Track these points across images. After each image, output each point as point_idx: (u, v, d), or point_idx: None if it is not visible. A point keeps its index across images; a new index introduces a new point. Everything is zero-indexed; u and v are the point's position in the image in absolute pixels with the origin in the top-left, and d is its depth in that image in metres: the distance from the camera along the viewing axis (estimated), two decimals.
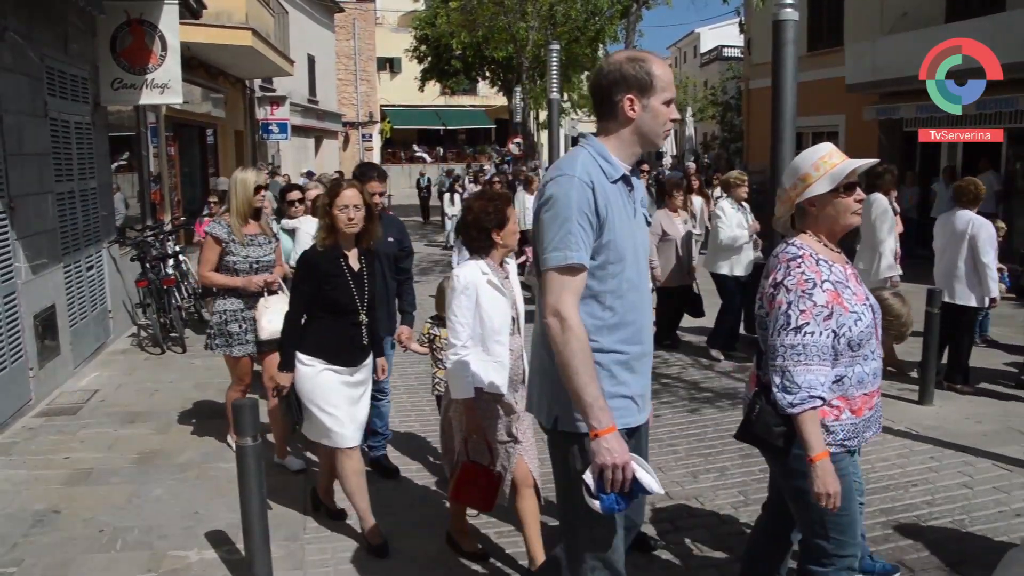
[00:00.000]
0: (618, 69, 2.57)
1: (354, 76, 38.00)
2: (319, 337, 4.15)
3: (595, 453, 2.42)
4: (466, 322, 3.72)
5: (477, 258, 3.82)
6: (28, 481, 5.30)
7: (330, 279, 4.09)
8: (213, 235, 5.22)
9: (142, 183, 11.33)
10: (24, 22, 6.95)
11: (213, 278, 5.26)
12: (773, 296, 2.81)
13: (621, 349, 2.63)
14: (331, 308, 4.13)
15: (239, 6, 14.08)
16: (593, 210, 2.50)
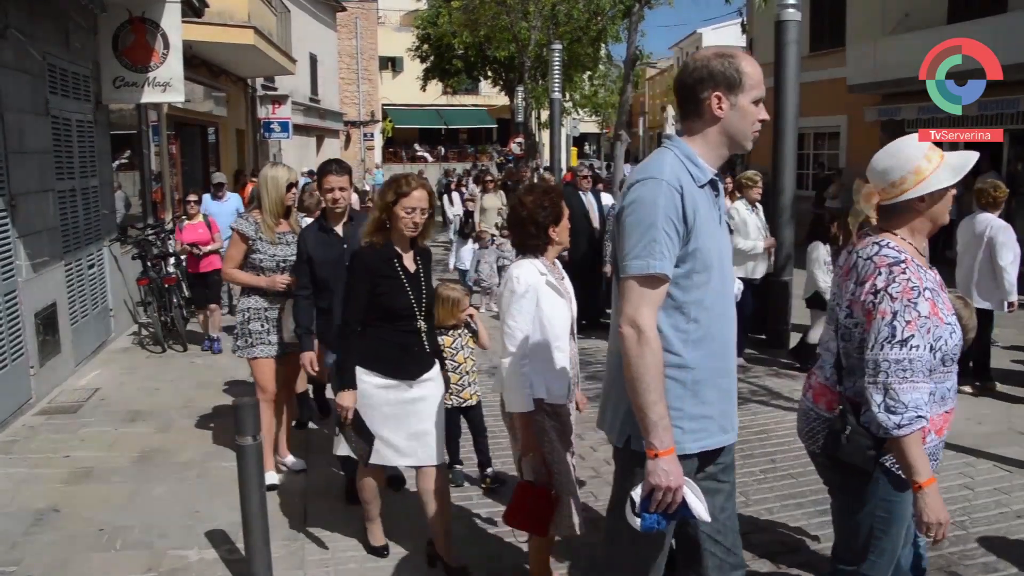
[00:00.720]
0: (705, 65, 2.44)
1: (356, 75, 38.00)
2: (373, 347, 3.78)
3: (650, 473, 2.32)
4: (526, 328, 3.42)
5: (531, 257, 3.53)
6: (28, 479, 5.29)
7: (384, 281, 3.74)
8: (240, 232, 5.06)
9: (143, 182, 11.33)
10: (26, 19, 6.95)
11: (236, 275, 5.13)
12: (874, 305, 2.55)
13: (705, 365, 2.47)
14: (385, 314, 3.76)
15: (241, 5, 14.07)
16: (680, 216, 2.36)
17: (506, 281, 3.50)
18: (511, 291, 3.43)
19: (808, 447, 2.92)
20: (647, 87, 57.31)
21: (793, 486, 5.04)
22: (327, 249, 4.68)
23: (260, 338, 5.06)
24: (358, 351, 3.76)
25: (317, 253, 4.66)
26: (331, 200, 4.72)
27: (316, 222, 4.86)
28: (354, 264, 3.79)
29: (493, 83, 32.11)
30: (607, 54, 26.73)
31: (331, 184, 4.71)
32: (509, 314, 3.42)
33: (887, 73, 15.15)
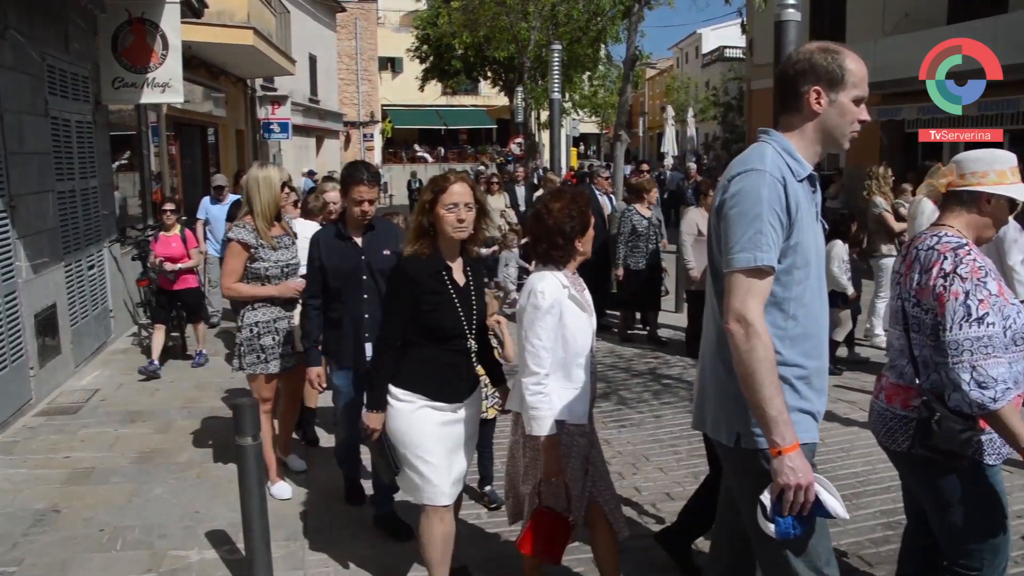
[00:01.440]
0: (808, 59, 2.40)
1: (355, 76, 38.01)
2: (417, 367, 3.41)
3: (777, 472, 2.23)
4: (551, 346, 3.21)
5: (552, 268, 3.31)
6: (28, 480, 5.29)
7: (431, 297, 3.35)
8: (241, 241, 4.66)
9: (143, 182, 11.33)
10: (25, 20, 6.94)
11: (240, 289, 4.74)
12: (946, 288, 2.58)
13: (803, 363, 2.40)
14: (432, 333, 3.39)
15: (241, 5, 14.08)
16: (784, 208, 2.31)
17: (528, 295, 3.25)
18: (535, 306, 3.21)
19: (888, 449, 2.89)
20: (647, 87, 57.34)
21: None
22: (343, 258, 4.35)
23: (274, 352, 4.76)
24: (397, 370, 3.41)
25: (332, 262, 4.34)
26: (359, 213, 4.31)
27: (333, 227, 4.48)
28: (396, 276, 3.43)
29: (493, 83, 32.12)
30: (607, 54, 26.72)
31: (361, 195, 4.29)
32: (532, 331, 3.20)
33: (887, 73, 15.14)
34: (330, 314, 4.43)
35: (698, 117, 38.22)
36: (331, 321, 4.43)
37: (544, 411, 3.18)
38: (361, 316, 4.36)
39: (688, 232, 8.09)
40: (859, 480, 5.00)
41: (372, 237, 4.41)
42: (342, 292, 4.35)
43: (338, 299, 4.38)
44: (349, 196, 4.33)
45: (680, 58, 59.80)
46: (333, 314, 4.42)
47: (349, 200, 4.33)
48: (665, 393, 7.09)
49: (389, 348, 3.42)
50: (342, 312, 4.38)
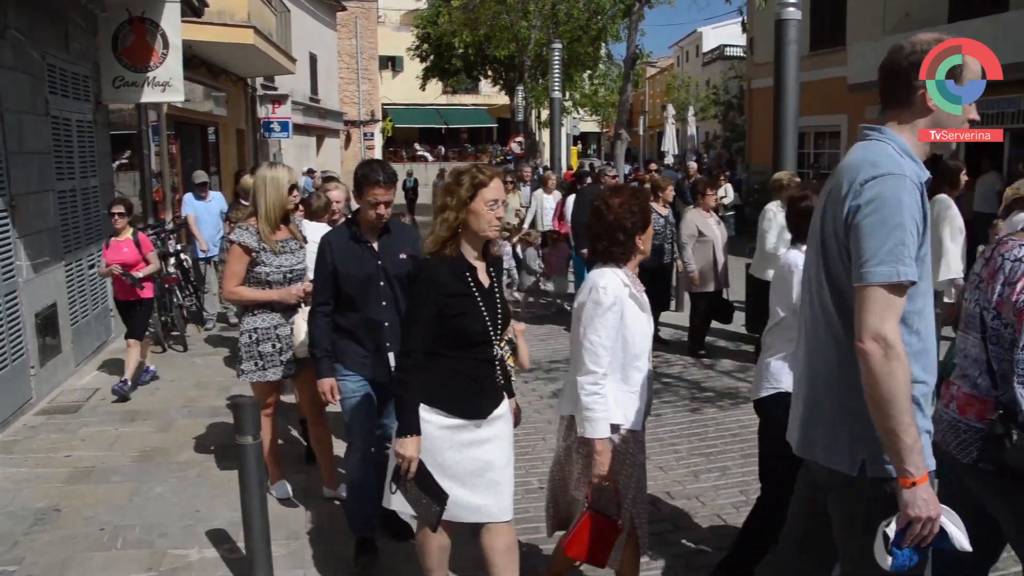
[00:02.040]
0: (924, 50, 2.23)
1: (356, 74, 37.99)
2: (437, 379, 3.14)
3: (908, 504, 2.07)
4: (610, 345, 3.10)
5: (612, 266, 3.20)
6: (29, 479, 5.30)
7: (455, 301, 3.09)
8: (242, 244, 4.48)
9: (143, 182, 11.33)
10: (26, 20, 6.95)
11: (242, 293, 4.56)
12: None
13: (926, 379, 2.23)
14: (458, 340, 3.13)
15: (241, 4, 14.08)
16: (922, 216, 2.12)
17: (589, 291, 3.14)
18: (595, 303, 3.09)
19: (960, 459, 2.67)
20: (647, 86, 57.32)
21: None
22: (358, 263, 4.05)
23: (272, 360, 4.61)
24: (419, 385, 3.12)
25: (346, 266, 4.04)
26: (375, 216, 4.02)
27: (346, 229, 4.16)
28: (420, 280, 3.14)
29: (493, 82, 32.14)
30: (607, 53, 26.73)
31: (377, 198, 3.97)
32: (592, 328, 3.08)
33: None
34: (341, 321, 4.12)
35: (698, 116, 38.18)
36: (342, 329, 4.12)
37: (600, 412, 3.08)
38: (381, 324, 4.07)
39: (688, 234, 8.00)
40: None
41: (388, 240, 4.12)
42: (356, 299, 4.06)
43: (351, 306, 4.08)
44: (364, 198, 4.00)
45: (680, 57, 59.76)
46: (345, 322, 4.11)
47: (364, 202, 4.01)
48: (665, 392, 7.09)
49: (416, 363, 3.09)
50: (356, 320, 4.09)
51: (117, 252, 7.28)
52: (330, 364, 4.10)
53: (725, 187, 16.87)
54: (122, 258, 7.25)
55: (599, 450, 3.11)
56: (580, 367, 3.13)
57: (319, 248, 4.14)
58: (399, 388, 3.14)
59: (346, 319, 4.10)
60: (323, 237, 4.21)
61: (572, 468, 3.33)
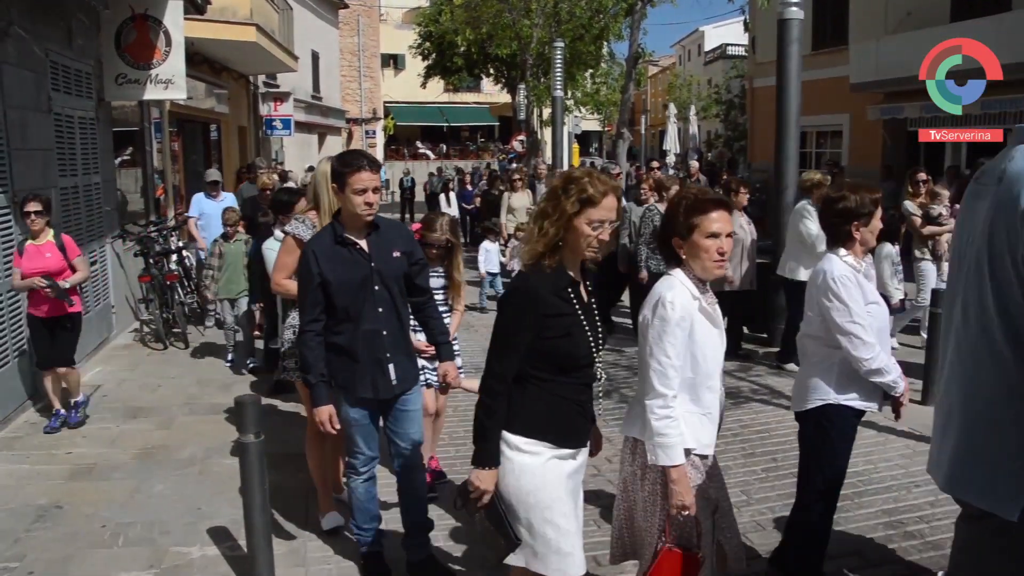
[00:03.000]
0: None
1: (358, 72, 38.00)
2: (540, 407, 2.84)
3: None
4: (679, 364, 2.86)
5: (674, 270, 2.96)
6: (31, 476, 5.31)
7: (558, 320, 2.77)
8: (297, 237, 4.20)
9: (145, 178, 11.34)
10: (29, 17, 6.95)
11: (290, 287, 4.25)
12: None
13: None
14: (561, 363, 2.82)
15: (244, 2, 14.07)
16: None
17: (655, 305, 2.88)
18: (663, 318, 2.84)
19: None
20: (649, 85, 57.31)
21: (795, 485, 5.03)
22: (348, 268, 3.67)
23: None
24: (516, 413, 2.82)
25: (335, 274, 3.64)
26: (362, 204, 3.60)
27: (330, 232, 3.74)
28: (517, 297, 2.81)
29: (495, 81, 32.10)
30: (609, 52, 26.72)
31: (363, 183, 3.59)
32: (659, 346, 2.84)
33: (889, 72, 15.14)
34: (334, 338, 3.72)
35: (700, 115, 38.20)
36: (336, 347, 3.72)
37: (673, 437, 2.84)
38: (378, 333, 3.73)
39: None
40: (860, 479, 5.00)
41: (378, 239, 3.75)
42: (350, 310, 3.68)
43: (346, 319, 3.70)
44: (348, 190, 3.59)
45: (682, 55, 59.75)
46: (339, 338, 3.71)
47: (348, 195, 3.60)
48: None
49: (504, 387, 2.79)
50: (352, 333, 3.70)
51: (37, 259, 6.01)
52: (327, 390, 3.71)
53: None
54: (43, 265, 6.00)
55: (675, 478, 2.84)
56: (648, 389, 2.87)
57: (302, 259, 3.77)
58: (483, 415, 2.80)
59: (339, 335, 3.71)
60: (305, 246, 3.83)
61: (638, 495, 3.06)
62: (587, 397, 2.93)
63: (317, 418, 3.72)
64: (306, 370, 3.74)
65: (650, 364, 2.86)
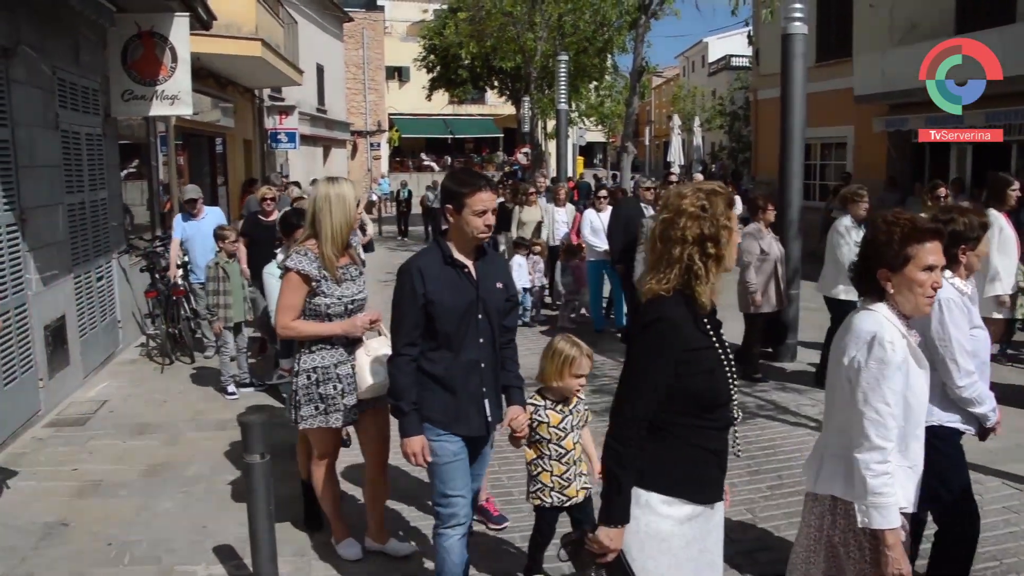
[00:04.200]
0: None
1: (363, 85, 38.15)
2: (676, 458, 2.54)
3: None
4: (898, 413, 2.56)
5: (875, 304, 2.68)
6: (37, 493, 5.31)
7: (695, 357, 2.49)
8: (302, 272, 3.91)
9: (151, 192, 11.39)
10: (37, 35, 6.99)
11: (299, 328, 3.98)
12: None
13: None
14: (700, 404, 2.52)
15: (249, 17, 14.15)
16: None
17: (870, 346, 2.57)
18: (881, 360, 2.53)
19: None
20: (653, 96, 57.45)
21: (801, 503, 5.01)
22: (455, 292, 3.41)
23: (334, 403, 4.03)
24: (649, 467, 2.51)
25: (443, 297, 3.37)
26: (482, 226, 3.38)
27: (436, 251, 3.47)
28: (659, 328, 2.48)
29: (499, 93, 32.19)
30: (613, 65, 26.78)
31: (483, 204, 3.36)
32: (878, 393, 2.53)
33: (894, 83, 15.14)
34: (429, 366, 3.44)
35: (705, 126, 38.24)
36: (430, 376, 3.44)
37: (890, 497, 2.53)
38: (477, 365, 3.48)
39: (750, 251, 7.51)
40: None
41: (484, 265, 3.51)
42: (452, 337, 3.42)
43: (445, 346, 3.43)
44: (465, 211, 3.36)
45: (686, 67, 59.88)
46: (434, 366, 3.44)
47: (465, 216, 3.36)
48: None
49: (640, 433, 2.48)
50: (450, 363, 3.44)
51: None
52: (418, 419, 3.41)
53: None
54: None
55: (891, 543, 2.54)
56: (862, 441, 2.56)
57: (405, 277, 3.42)
58: (615, 465, 2.48)
59: (436, 363, 3.44)
60: (410, 262, 3.48)
61: (833, 564, 2.76)
62: (724, 445, 2.62)
63: (408, 449, 3.40)
64: (397, 396, 3.43)
65: (865, 413, 2.55)
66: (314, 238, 3.99)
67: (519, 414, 3.64)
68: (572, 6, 17.97)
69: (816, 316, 8.35)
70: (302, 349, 4.06)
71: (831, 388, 2.78)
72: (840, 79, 17.42)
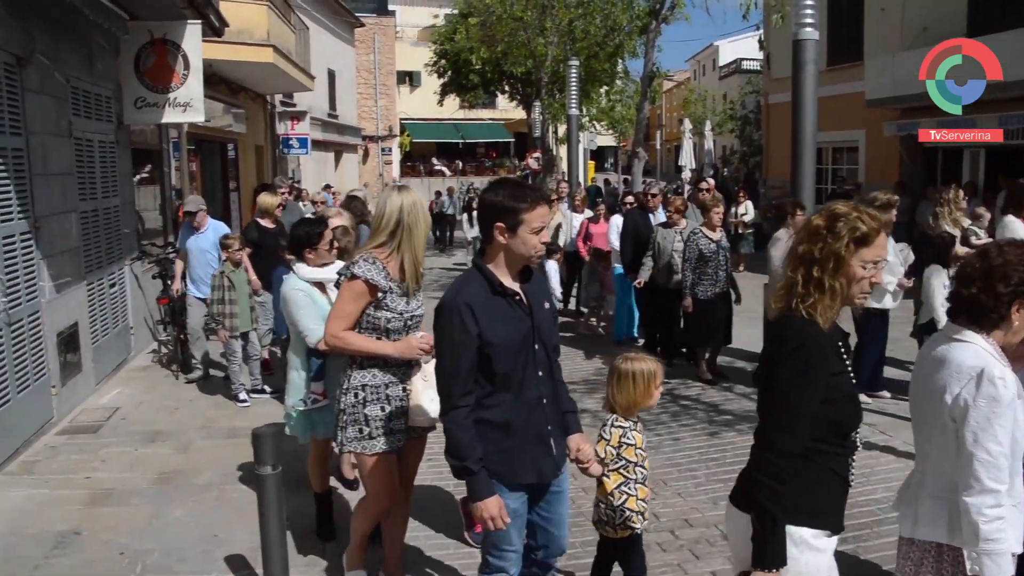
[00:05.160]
0: None
1: (374, 90, 38.26)
2: (822, 489, 2.45)
3: None
4: (1009, 452, 2.39)
5: (968, 333, 2.50)
6: (50, 501, 5.34)
7: (840, 380, 2.42)
8: (371, 281, 3.54)
9: (163, 199, 11.45)
10: (51, 44, 7.04)
11: (351, 341, 3.61)
12: None
13: None
14: (839, 430, 2.45)
15: (261, 24, 14.21)
16: None
17: (977, 381, 2.39)
18: (992, 398, 2.36)
19: None
20: (664, 99, 57.38)
21: None
22: (510, 325, 3.02)
23: (381, 426, 3.65)
24: (798, 501, 2.38)
25: (497, 333, 2.96)
26: (539, 245, 3.03)
27: (478, 277, 3.05)
28: (805, 353, 2.37)
29: (510, 98, 32.19)
30: (624, 69, 26.75)
31: (541, 220, 3.01)
32: (989, 432, 2.36)
33: (905, 88, 15.06)
34: (485, 412, 3.02)
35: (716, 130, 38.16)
36: (489, 422, 3.02)
37: (1004, 544, 2.39)
38: (540, 402, 3.12)
39: (782, 257, 7.27)
40: (880, 507, 4.95)
41: (531, 287, 3.16)
42: (511, 376, 3.02)
43: (503, 387, 3.02)
44: (521, 229, 2.97)
45: (697, 70, 59.80)
46: (492, 411, 3.03)
47: (521, 235, 2.98)
48: (683, 415, 7.06)
49: (796, 466, 2.36)
50: (511, 404, 3.04)
51: None
52: (488, 477, 2.98)
53: (746, 204, 16.81)
54: None
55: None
56: (972, 484, 2.39)
57: (451, 316, 2.95)
58: (772, 504, 2.33)
59: (493, 408, 3.02)
60: (453, 297, 3.00)
61: None
62: (850, 470, 2.53)
63: (484, 514, 2.95)
64: (461, 455, 2.95)
65: (976, 454, 2.38)
66: (383, 247, 3.62)
67: (583, 443, 3.32)
68: (583, 11, 17.96)
69: None
70: (352, 365, 3.70)
71: (922, 424, 2.61)
72: (851, 83, 17.37)
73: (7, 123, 6.15)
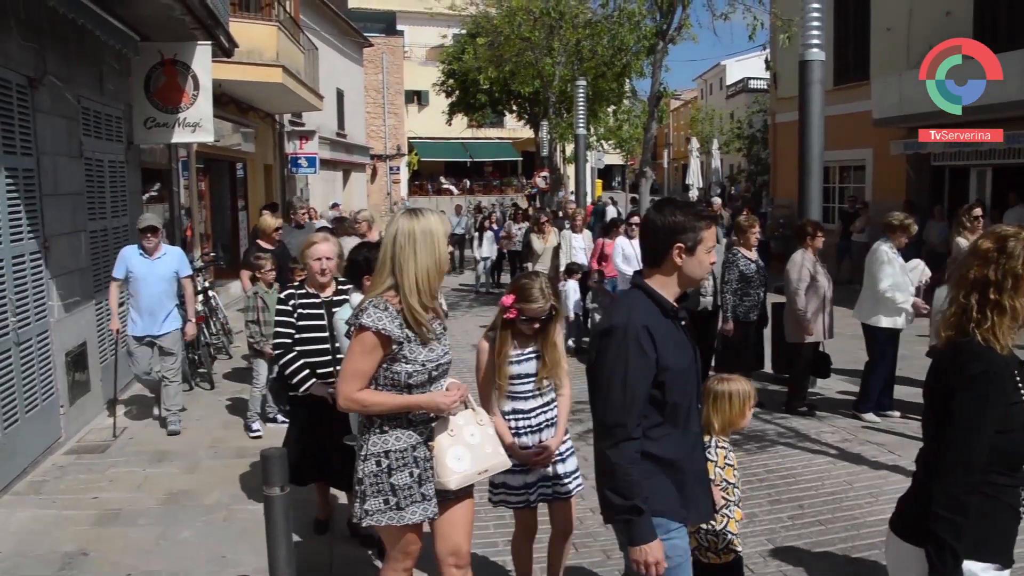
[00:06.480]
0: None
1: (382, 109, 38.40)
2: (995, 522, 2.40)
3: None
4: None
5: None
6: (58, 521, 5.33)
7: (1014, 411, 2.35)
8: (383, 332, 3.04)
9: (172, 218, 11.50)
10: (63, 65, 7.10)
11: (368, 400, 3.11)
12: None
13: None
14: (1012, 464, 2.39)
15: (270, 44, 14.32)
16: None
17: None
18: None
19: None
20: (671, 118, 57.51)
21: (822, 533, 4.97)
22: (681, 352, 2.81)
23: (411, 494, 3.14)
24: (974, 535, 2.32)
25: (673, 359, 2.74)
26: (709, 264, 2.85)
27: (645, 299, 2.80)
28: (987, 383, 2.31)
29: (518, 117, 32.31)
30: (631, 89, 26.83)
31: (714, 239, 2.85)
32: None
33: (912, 106, 15.07)
34: (655, 448, 2.74)
35: (723, 149, 38.22)
36: (655, 459, 2.74)
37: None
38: (699, 438, 2.96)
39: (800, 279, 7.34)
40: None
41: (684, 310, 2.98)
42: (680, 407, 2.78)
43: (671, 419, 2.77)
44: (699, 249, 2.79)
45: (704, 89, 59.96)
46: (663, 448, 2.76)
47: (698, 255, 2.79)
48: None
49: (975, 499, 2.30)
50: (678, 439, 2.79)
51: None
52: (651, 521, 2.66)
53: None
54: None
55: None
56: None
57: (627, 340, 2.66)
58: (953, 537, 2.26)
59: (658, 441, 2.75)
60: (628, 318, 2.72)
61: None
62: (1020, 502, 2.44)
63: (646, 558, 2.63)
64: (628, 494, 2.62)
65: None
66: (394, 289, 3.12)
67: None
68: (590, 32, 18.02)
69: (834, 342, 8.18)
70: (371, 428, 3.18)
71: None
72: (858, 102, 17.38)
73: (18, 143, 6.20)
